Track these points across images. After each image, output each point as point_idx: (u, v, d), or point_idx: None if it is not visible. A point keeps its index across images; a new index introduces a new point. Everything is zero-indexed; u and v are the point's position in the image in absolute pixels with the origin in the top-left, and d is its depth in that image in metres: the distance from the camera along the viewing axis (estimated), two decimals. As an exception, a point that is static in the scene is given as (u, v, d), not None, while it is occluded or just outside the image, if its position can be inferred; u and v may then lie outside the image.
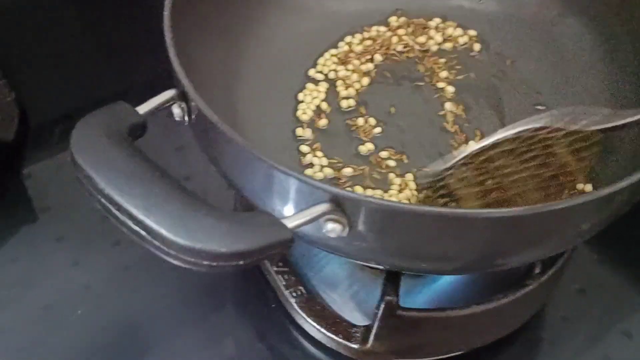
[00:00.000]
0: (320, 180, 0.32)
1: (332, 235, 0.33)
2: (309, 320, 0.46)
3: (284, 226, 0.30)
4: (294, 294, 0.47)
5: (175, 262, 0.29)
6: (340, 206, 0.32)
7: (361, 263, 0.46)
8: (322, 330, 0.45)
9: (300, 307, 0.46)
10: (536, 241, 0.34)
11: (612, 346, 0.47)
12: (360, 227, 0.33)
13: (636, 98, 0.44)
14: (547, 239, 0.35)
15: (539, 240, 0.34)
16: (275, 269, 0.47)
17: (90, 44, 0.64)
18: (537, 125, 0.40)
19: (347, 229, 0.33)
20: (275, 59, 0.49)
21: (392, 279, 0.41)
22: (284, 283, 0.47)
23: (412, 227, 0.33)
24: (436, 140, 0.46)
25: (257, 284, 0.49)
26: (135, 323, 0.48)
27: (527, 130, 0.40)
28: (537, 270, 0.44)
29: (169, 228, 0.28)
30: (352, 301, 0.47)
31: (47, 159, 0.56)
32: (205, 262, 0.29)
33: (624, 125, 0.39)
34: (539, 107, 0.47)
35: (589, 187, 0.42)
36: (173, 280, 0.48)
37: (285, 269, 0.47)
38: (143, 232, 0.29)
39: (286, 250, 0.31)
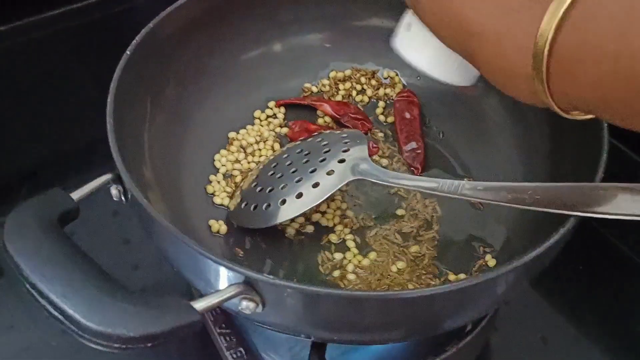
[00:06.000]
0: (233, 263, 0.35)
1: (247, 312, 0.36)
2: (247, 380, 0.48)
3: (193, 309, 0.33)
4: (234, 355, 0.49)
5: (90, 345, 0.32)
6: (253, 286, 0.35)
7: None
8: (259, 390, 0.48)
9: (240, 368, 0.49)
10: (426, 316, 0.37)
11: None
12: (273, 304, 0.36)
13: (544, 177, 0.47)
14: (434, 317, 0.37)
15: (429, 316, 0.37)
16: (218, 330, 0.50)
17: (51, 104, 0.66)
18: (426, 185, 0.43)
19: (260, 307, 0.36)
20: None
21: (317, 347, 0.44)
22: (225, 344, 0.49)
23: (318, 306, 0.36)
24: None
25: (203, 345, 0.51)
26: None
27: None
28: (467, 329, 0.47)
29: (83, 314, 0.31)
30: (292, 362, 0.50)
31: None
32: (116, 345, 0.31)
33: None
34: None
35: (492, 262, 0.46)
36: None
37: (228, 331, 0.50)
38: (61, 317, 0.32)
39: (197, 329, 0.33)
